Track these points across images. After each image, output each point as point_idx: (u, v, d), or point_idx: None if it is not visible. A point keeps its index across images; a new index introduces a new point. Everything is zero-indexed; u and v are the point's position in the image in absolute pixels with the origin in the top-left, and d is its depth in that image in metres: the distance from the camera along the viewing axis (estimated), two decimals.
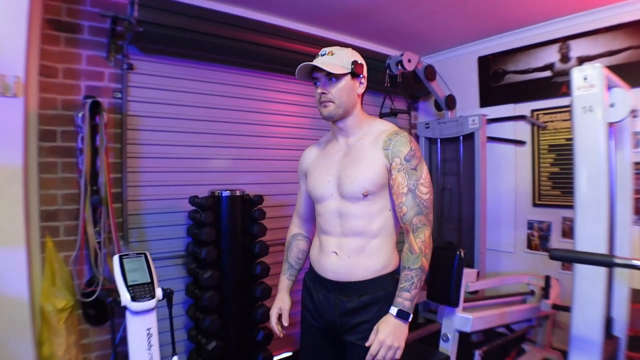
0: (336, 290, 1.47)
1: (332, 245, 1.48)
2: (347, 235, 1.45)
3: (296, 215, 1.77)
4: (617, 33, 2.94)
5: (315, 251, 1.57)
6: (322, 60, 1.48)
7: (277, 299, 1.68)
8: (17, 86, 1.96)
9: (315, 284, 1.55)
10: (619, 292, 1.91)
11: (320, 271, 1.52)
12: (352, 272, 1.43)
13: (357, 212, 1.43)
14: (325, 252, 1.50)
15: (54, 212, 2.32)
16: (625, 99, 1.74)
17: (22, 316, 1.99)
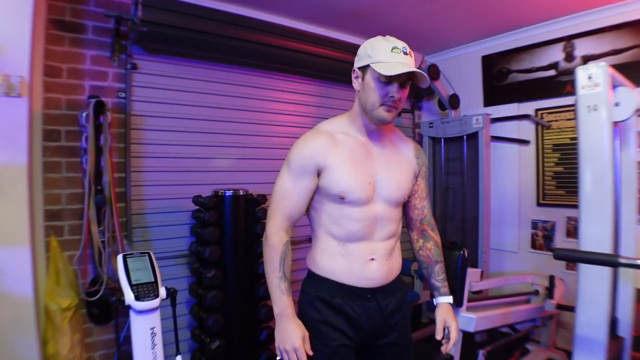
0: (377, 297, 1.41)
1: (368, 252, 1.38)
2: (383, 240, 1.42)
3: (286, 219, 1.39)
4: (622, 32, 2.92)
5: (341, 261, 1.38)
6: (408, 61, 1.34)
7: (293, 326, 1.31)
8: (22, 86, 1.96)
9: (347, 297, 1.38)
10: (623, 292, 1.90)
11: (354, 282, 1.38)
12: (389, 275, 1.44)
13: (395, 216, 1.46)
14: (361, 260, 1.38)
15: (58, 211, 2.33)
16: (630, 98, 1.73)
17: (26, 315, 2.00)
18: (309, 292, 1.43)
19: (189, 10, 2.54)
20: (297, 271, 3.31)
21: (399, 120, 4.10)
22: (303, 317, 1.39)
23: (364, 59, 1.37)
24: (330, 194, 1.36)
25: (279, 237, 1.37)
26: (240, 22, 2.77)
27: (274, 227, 1.38)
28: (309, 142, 1.39)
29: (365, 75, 1.37)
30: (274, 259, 1.35)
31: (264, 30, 2.87)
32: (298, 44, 3.03)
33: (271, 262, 1.36)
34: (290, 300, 1.34)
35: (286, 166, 1.40)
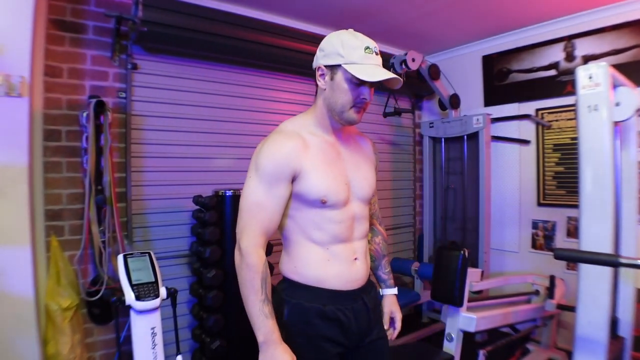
0: (362, 296, 1.39)
1: (351, 252, 1.36)
2: (361, 239, 1.42)
3: (262, 233, 1.25)
4: (622, 32, 2.92)
5: (328, 267, 1.32)
6: (380, 62, 1.31)
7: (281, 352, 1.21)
8: (22, 86, 1.96)
9: (339, 303, 1.32)
10: (624, 292, 1.90)
11: (343, 285, 1.33)
12: (367, 272, 1.45)
13: (367, 213, 1.47)
14: (347, 262, 1.34)
15: (58, 211, 2.34)
16: (630, 98, 1.73)
17: (27, 315, 2.00)
18: (296, 304, 1.31)
19: (189, 10, 2.55)
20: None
21: (399, 120, 4.10)
22: (294, 332, 1.29)
23: (333, 57, 1.29)
24: (309, 200, 1.28)
25: (257, 256, 1.22)
26: (240, 22, 2.77)
27: (250, 244, 1.22)
28: (280, 145, 1.27)
29: (335, 75, 1.30)
30: (254, 280, 1.20)
31: (264, 30, 2.87)
32: (298, 44, 3.03)
33: (250, 285, 1.20)
34: (275, 324, 1.21)
35: (254, 173, 1.26)
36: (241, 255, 1.23)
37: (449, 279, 2.35)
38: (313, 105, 1.40)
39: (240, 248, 1.23)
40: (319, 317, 1.30)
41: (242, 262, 1.22)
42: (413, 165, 4.30)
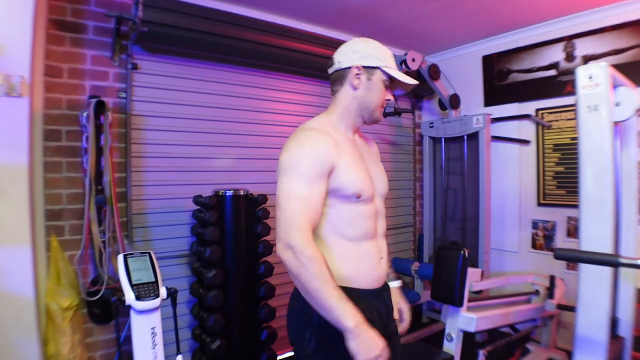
0: (384, 295, 1.42)
1: (376, 249, 1.37)
2: (382, 236, 1.45)
3: (310, 228, 1.22)
4: (622, 31, 2.92)
5: (360, 265, 1.33)
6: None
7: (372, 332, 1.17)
8: (23, 86, 1.97)
9: (365, 302, 1.29)
10: (624, 292, 1.90)
11: (368, 284, 1.34)
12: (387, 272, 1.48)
13: (384, 210, 1.49)
14: (374, 260, 1.36)
15: (59, 211, 2.34)
16: (630, 98, 1.73)
17: (27, 315, 2.00)
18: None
19: (189, 10, 2.55)
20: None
21: (399, 120, 4.10)
22: (325, 332, 1.24)
23: (372, 59, 1.37)
24: (347, 194, 1.29)
25: (314, 247, 1.18)
26: (240, 22, 2.77)
27: (302, 239, 1.17)
28: (318, 141, 1.29)
29: (372, 76, 1.37)
30: (322, 271, 1.16)
31: (264, 30, 2.87)
32: (298, 44, 3.03)
33: (320, 277, 1.16)
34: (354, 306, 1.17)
35: (294, 170, 1.24)
36: (296, 252, 1.16)
37: (449, 279, 2.35)
38: (334, 104, 1.43)
39: (292, 247, 1.17)
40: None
41: (300, 256, 1.16)
42: (413, 165, 4.30)
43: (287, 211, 1.21)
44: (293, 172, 1.24)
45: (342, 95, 1.41)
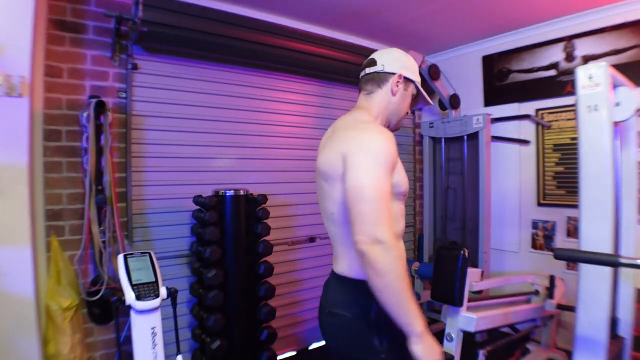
0: None
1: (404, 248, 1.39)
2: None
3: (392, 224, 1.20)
4: (622, 32, 2.92)
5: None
6: None
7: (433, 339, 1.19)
8: (23, 86, 1.97)
9: None
10: (624, 292, 1.90)
11: None
12: None
13: None
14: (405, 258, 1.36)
15: (59, 211, 2.34)
16: (630, 98, 1.73)
17: (27, 315, 2.00)
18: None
19: (189, 10, 2.55)
20: (299, 271, 3.32)
21: None
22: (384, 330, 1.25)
23: (410, 73, 1.44)
24: (400, 191, 1.31)
25: (399, 247, 1.19)
26: (240, 22, 2.77)
27: (391, 235, 1.14)
28: (389, 136, 1.26)
29: (408, 87, 1.45)
30: (405, 271, 1.16)
31: (264, 30, 2.87)
32: (298, 44, 3.04)
33: (403, 276, 1.15)
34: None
35: (375, 161, 1.19)
36: (386, 248, 1.12)
37: (449, 279, 2.35)
38: (368, 104, 1.44)
39: (381, 242, 1.12)
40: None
41: (390, 254, 1.13)
42: (413, 165, 4.29)
43: (375, 204, 1.15)
44: (374, 162, 1.19)
45: (378, 97, 1.43)
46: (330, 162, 1.28)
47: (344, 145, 1.25)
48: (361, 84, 1.47)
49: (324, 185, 1.34)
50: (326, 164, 1.30)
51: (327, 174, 1.30)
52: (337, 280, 1.36)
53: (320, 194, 1.39)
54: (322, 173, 1.33)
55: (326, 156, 1.31)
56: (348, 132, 1.30)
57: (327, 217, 1.36)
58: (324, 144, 1.39)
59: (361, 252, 1.13)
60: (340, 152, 1.25)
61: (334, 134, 1.36)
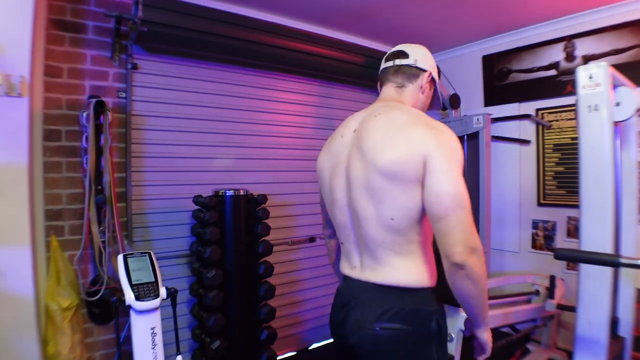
0: None
1: None
2: None
3: None
4: (622, 31, 2.91)
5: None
6: None
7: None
8: (22, 86, 1.96)
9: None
10: (624, 292, 1.90)
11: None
12: None
13: None
14: None
15: (58, 211, 2.33)
16: (631, 98, 1.72)
17: (27, 315, 2.00)
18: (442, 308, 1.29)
19: (189, 10, 2.55)
20: (299, 271, 3.32)
21: None
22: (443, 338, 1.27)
23: (435, 74, 1.39)
24: None
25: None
26: (240, 22, 2.77)
27: (479, 240, 1.12)
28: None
29: (432, 88, 1.41)
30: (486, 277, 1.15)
31: (264, 30, 2.87)
32: (298, 44, 3.03)
33: (485, 280, 1.14)
34: None
35: (457, 164, 1.15)
36: (479, 255, 1.10)
37: None
38: (400, 97, 1.36)
39: (477, 250, 1.10)
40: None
41: (482, 260, 1.11)
42: None
43: (470, 212, 1.13)
44: (457, 166, 1.14)
45: (410, 93, 1.36)
46: (402, 161, 1.12)
47: (421, 144, 1.12)
48: (387, 75, 1.38)
49: (384, 186, 1.16)
50: (396, 163, 1.13)
51: (397, 174, 1.13)
52: (384, 291, 1.21)
53: (367, 195, 1.20)
54: (388, 173, 1.14)
55: (392, 154, 1.14)
56: (420, 128, 1.16)
57: (378, 222, 1.19)
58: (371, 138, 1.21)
59: (460, 263, 1.08)
60: (418, 152, 1.11)
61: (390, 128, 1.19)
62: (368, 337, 1.20)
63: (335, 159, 1.32)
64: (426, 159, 1.11)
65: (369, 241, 1.22)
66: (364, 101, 3.67)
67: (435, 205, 1.10)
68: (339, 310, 1.32)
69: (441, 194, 1.09)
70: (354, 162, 1.24)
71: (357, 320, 1.22)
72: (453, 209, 1.09)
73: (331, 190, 1.33)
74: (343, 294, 1.33)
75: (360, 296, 1.25)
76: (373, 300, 1.21)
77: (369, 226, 1.21)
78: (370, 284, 1.23)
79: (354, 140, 1.26)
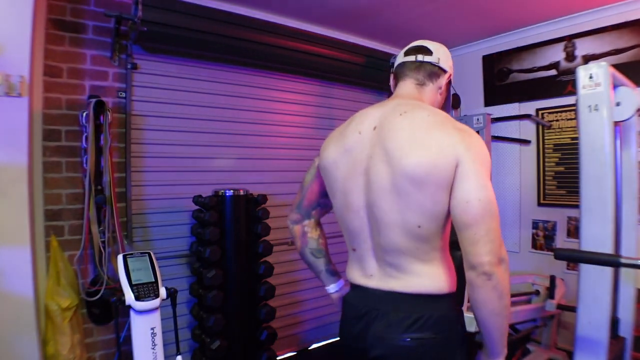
0: None
1: None
2: None
3: None
4: (623, 31, 2.91)
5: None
6: None
7: None
8: (22, 86, 1.96)
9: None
10: (624, 292, 1.90)
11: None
12: None
13: None
14: None
15: (58, 211, 2.33)
16: (631, 98, 1.72)
17: (27, 315, 2.00)
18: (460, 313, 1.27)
19: (189, 10, 2.55)
20: (299, 271, 3.32)
21: None
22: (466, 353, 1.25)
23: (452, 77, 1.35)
24: None
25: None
26: (240, 22, 2.77)
27: (506, 251, 1.08)
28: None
29: (447, 89, 1.35)
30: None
31: (265, 30, 2.87)
32: (298, 43, 3.03)
33: (509, 295, 1.10)
34: None
35: (487, 169, 1.10)
36: (506, 268, 1.07)
37: None
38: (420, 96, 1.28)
39: (504, 261, 1.06)
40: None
41: (508, 273, 1.08)
42: None
43: (498, 221, 1.06)
44: (486, 172, 1.09)
45: (429, 92, 1.29)
46: (432, 165, 1.06)
47: (451, 147, 1.06)
48: (408, 71, 1.29)
49: (411, 191, 1.09)
50: (427, 166, 1.06)
51: (425, 179, 1.06)
52: (411, 300, 1.15)
53: (392, 200, 1.12)
54: (415, 177, 1.07)
55: (421, 156, 1.07)
56: (449, 131, 1.10)
57: (403, 229, 1.12)
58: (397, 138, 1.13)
59: (488, 273, 1.03)
60: (448, 155, 1.06)
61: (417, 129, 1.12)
62: (396, 348, 1.14)
63: (352, 158, 1.20)
64: (457, 162, 1.06)
65: (389, 248, 1.16)
66: (364, 101, 3.66)
67: (464, 212, 1.04)
68: (354, 322, 1.24)
69: (472, 200, 1.03)
70: (376, 163, 1.14)
71: (382, 332, 1.15)
72: (482, 217, 1.03)
73: (345, 193, 1.23)
74: (356, 304, 1.25)
75: (382, 307, 1.18)
76: (399, 311, 1.15)
77: (392, 233, 1.13)
78: (395, 293, 1.17)
79: (376, 139, 1.16)
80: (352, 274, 1.30)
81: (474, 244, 1.03)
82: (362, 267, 1.26)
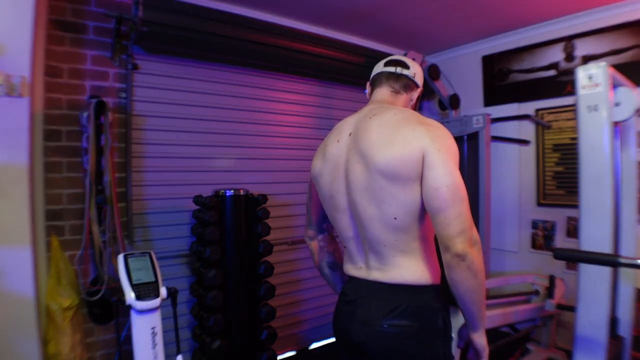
0: None
1: None
2: None
3: None
4: (622, 32, 2.92)
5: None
6: None
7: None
8: (23, 86, 1.97)
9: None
10: (624, 292, 1.90)
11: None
12: None
13: None
14: None
15: (59, 211, 2.34)
16: (630, 98, 1.73)
17: (28, 315, 2.00)
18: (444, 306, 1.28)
19: (189, 10, 2.55)
20: (299, 271, 3.32)
21: None
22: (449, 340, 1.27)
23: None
24: None
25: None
26: (240, 22, 2.77)
27: (477, 233, 1.15)
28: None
29: (417, 104, 1.46)
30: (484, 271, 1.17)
31: (265, 31, 2.87)
32: (298, 44, 3.04)
33: (484, 275, 1.16)
34: None
35: (453, 158, 1.16)
36: (479, 248, 1.14)
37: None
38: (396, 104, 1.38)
39: (477, 242, 1.14)
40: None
41: (481, 253, 1.14)
42: None
43: (467, 205, 1.14)
44: (453, 161, 1.16)
45: (402, 100, 1.41)
46: (400, 159, 1.14)
47: (416, 141, 1.14)
48: (384, 79, 1.40)
49: (385, 186, 1.16)
50: (394, 161, 1.14)
51: (396, 173, 1.14)
52: (391, 290, 1.22)
53: (369, 196, 1.20)
54: (387, 172, 1.15)
55: (390, 152, 1.15)
56: (414, 126, 1.18)
57: (381, 222, 1.20)
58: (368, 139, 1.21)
59: (461, 254, 1.09)
60: (415, 148, 1.13)
61: (385, 128, 1.20)
62: (375, 334, 1.21)
63: (333, 164, 1.31)
64: (423, 154, 1.13)
65: (373, 242, 1.24)
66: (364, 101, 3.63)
67: (434, 199, 1.11)
68: (344, 309, 1.33)
69: (440, 187, 1.10)
70: (353, 165, 1.24)
71: (364, 318, 1.24)
72: (452, 201, 1.10)
73: (332, 196, 1.33)
74: (348, 293, 1.34)
75: (366, 295, 1.26)
76: (380, 299, 1.23)
77: (373, 227, 1.22)
78: (378, 283, 1.25)
79: (351, 144, 1.27)
80: (346, 268, 1.40)
81: (446, 227, 1.10)
82: (353, 261, 1.35)
